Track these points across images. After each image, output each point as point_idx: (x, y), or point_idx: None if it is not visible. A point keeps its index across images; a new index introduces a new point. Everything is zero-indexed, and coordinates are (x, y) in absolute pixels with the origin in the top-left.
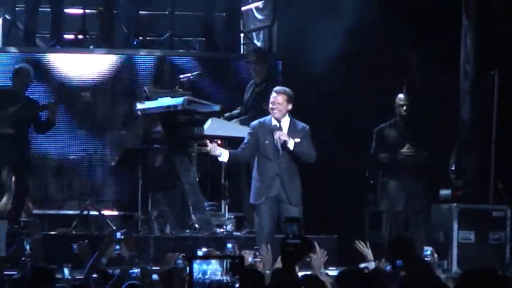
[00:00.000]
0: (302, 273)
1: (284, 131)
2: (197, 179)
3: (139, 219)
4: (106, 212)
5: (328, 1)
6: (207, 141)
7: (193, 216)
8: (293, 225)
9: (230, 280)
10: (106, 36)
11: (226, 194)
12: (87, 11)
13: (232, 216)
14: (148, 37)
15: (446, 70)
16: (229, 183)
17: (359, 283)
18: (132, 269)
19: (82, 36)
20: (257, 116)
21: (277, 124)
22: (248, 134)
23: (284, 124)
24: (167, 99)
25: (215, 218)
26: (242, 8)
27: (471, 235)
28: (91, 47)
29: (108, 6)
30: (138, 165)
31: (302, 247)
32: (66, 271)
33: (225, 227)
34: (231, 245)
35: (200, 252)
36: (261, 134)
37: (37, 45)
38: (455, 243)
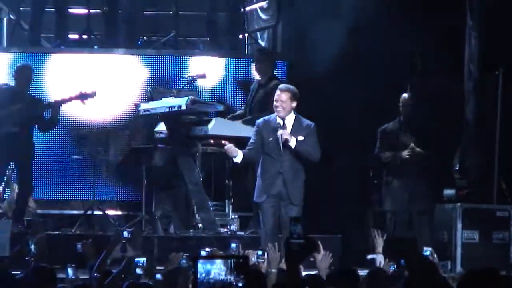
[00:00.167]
0: (306, 273)
1: (289, 129)
2: (201, 179)
3: (143, 219)
4: (110, 212)
5: (331, 1)
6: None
7: (197, 216)
8: (297, 225)
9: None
10: (111, 36)
11: (230, 194)
12: (91, 11)
13: (236, 216)
14: (152, 37)
15: (450, 70)
16: (233, 183)
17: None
18: (138, 259)
19: (86, 36)
20: (262, 115)
21: (281, 122)
22: (254, 133)
23: (289, 121)
24: (171, 99)
25: (219, 218)
26: (247, 8)
27: (475, 235)
28: (95, 47)
29: (113, 6)
30: (142, 165)
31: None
32: (70, 271)
33: (229, 226)
34: (235, 245)
35: (203, 252)
36: (265, 131)
37: (41, 45)
38: (459, 243)
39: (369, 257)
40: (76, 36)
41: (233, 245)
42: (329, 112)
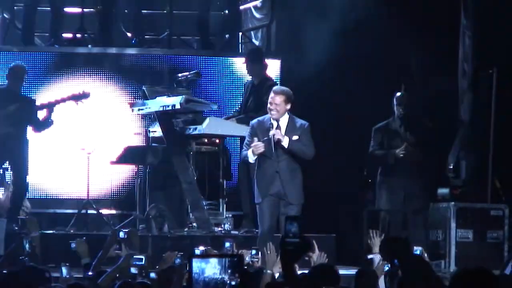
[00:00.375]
0: (301, 272)
1: (283, 129)
2: (195, 178)
3: (137, 218)
4: (104, 211)
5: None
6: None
7: (191, 215)
8: (293, 224)
9: (229, 279)
10: (105, 35)
11: (224, 193)
12: (85, 10)
13: (230, 215)
14: (146, 36)
15: (444, 69)
16: (227, 182)
17: None
18: (137, 256)
19: (80, 35)
20: (257, 115)
21: (275, 123)
22: (249, 134)
23: (283, 122)
24: (165, 98)
25: (213, 217)
26: (241, 7)
27: (469, 234)
28: (89, 46)
29: (107, 5)
30: (137, 164)
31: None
32: (64, 270)
33: (223, 226)
34: (229, 244)
35: (197, 251)
36: (260, 132)
37: (35, 44)
38: (453, 242)
39: (369, 257)
40: (70, 35)
41: (227, 244)
42: (323, 111)
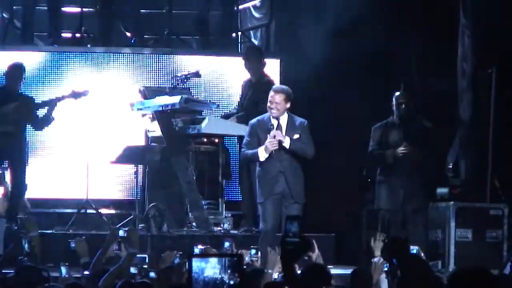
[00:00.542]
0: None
1: (283, 128)
2: (194, 178)
3: (136, 218)
4: (104, 211)
5: None
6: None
7: (190, 215)
8: (293, 223)
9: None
10: (104, 34)
11: (224, 193)
12: (85, 9)
13: (229, 215)
14: (145, 36)
15: (443, 69)
16: (226, 182)
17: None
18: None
19: (80, 35)
20: (255, 114)
21: (275, 123)
22: (248, 133)
23: (283, 121)
24: (164, 98)
25: (212, 217)
26: (240, 7)
27: (468, 234)
28: (88, 45)
29: (106, 4)
30: (136, 163)
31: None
32: (63, 270)
33: (222, 225)
34: (229, 244)
35: (196, 249)
36: (261, 132)
37: (34, 43)
38: (452, 242)
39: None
40: (69, 35)
41: (226, 244)
42: (322, 110)
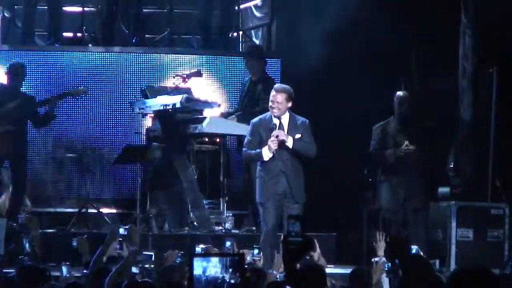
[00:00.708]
0: None
1: (285, 127)
2: (196, 177)
3: (137, 217)
4: (105, 210)
5: None
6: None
7: (191, 214)
8: (295, 223)
9: (230, 277)
10: (105, 34)
11: (225, 192)
12: (85, 9)
13: (230, 214)
14: (147, 35)
15: (444, 68)
16: (227, 181)
17: None
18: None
19: (80, 34)
20: (255, 113)
21: (277, 122)
22: (250, 132)
23: (284, 121)
24: (165, 97)
25: (213, 216)
26: (241, 6)
27: (470, 233)
28: (89, 45)
29: (107, 4)
30: (137, 163)
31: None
32: (64, 269)
33: (223, 224)
34: (230, 243)
35: (198, 249)
36: (263, 131)
37: (35, 43)
38: (454, 241)
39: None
40: (70, 34)
41: (228, 243)
42: (323, 110)
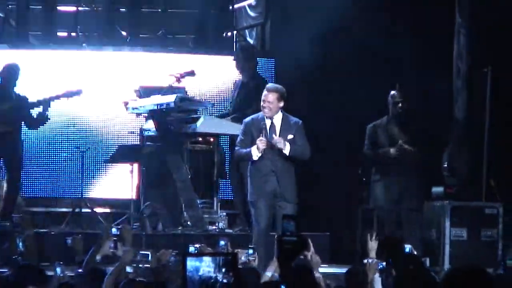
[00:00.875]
0: None
1: (277, 127)
2: (189, 177)
3: (131, 217)
4: (99, 210)
5: None
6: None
7: (185, 214)
8: (290, 223)
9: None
10: (100, 33)
11: (219, 192)
12: (80, 8)
13: (224, 214)
14: (141, 35)
15: (439, 68)
16: (221, 181)
17: None
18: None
19: (75, 34)
20: (247, 113)
21: (268, 122)
22: (242, 131)
23: (277, 120)
24: (159, 97)
25: (207, 215)
26: (235, 6)
27: (464, 233)
28: (84, 44)
29: (102, 4)
30: (131, 162)
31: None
32: (58, 269)
33: (217, 224)
34: (224, 242)
35: (192, 248)
36: (255, 131)
37: (30, 42)
38: (448, 241)
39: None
40: (65, 34)
41: (221, 242)
42: (318, 109)
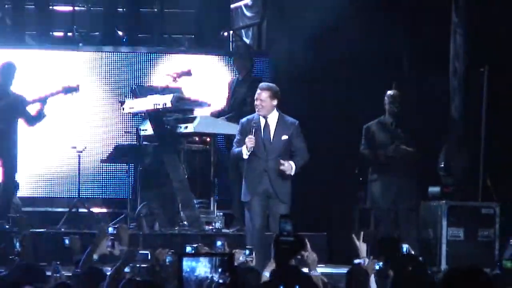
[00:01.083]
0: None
1: (272, 127)
2: (186, 176)
3: (128, 217)
4: (95, 210)
5: None
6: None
7: (182, 213)
8: (287, 223)
9: (219, 277)
10: (96, 33)
11: (215, 191)
12: (76, 8)
13: (221, 213)
14: (137, 35)
15: (435, 68)
16: (218, 181)
17: None
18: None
19: (71, 34)
20: (243, 112)
21: (263, 121)
22: (238, 131)
23: (272, 120)
24: (156, 97)
25: (204, 215)
26: (231, 5)
27: (460, 233)
28: (80, 44)
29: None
30: (128, 162)
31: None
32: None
33: (214, 224)
34: (221, 243)
35: (189, 248)
36: (250, 130)
37: (26, 42)
38: (444, 241)
39: (356, 261)
40: (61, 34)
41: (218, 243)
42: (314, 109)
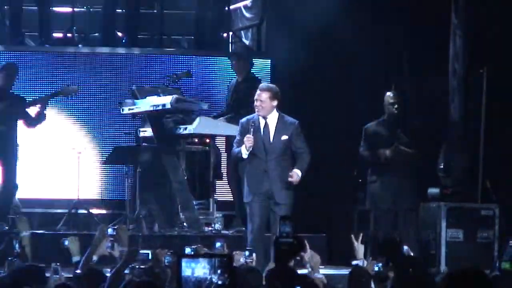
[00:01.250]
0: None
1: (272, 127)
2: (186, 178)
3: (127, 218)
4: (95, 211)
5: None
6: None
7: (181, 215)
8: (286, 224)
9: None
10: (95, 34)
11: (215, 193)
12: (76, 9)
13: (220, 215)
14: (137, 36)
15: (435, 69)
16: (217, 182)
17: None
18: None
19: (71, 35)
20: (243, 113)
21: (263, 122)
22: (239, 132)
23: (272, 120)
24: (155, 98)
25: (203, 217)
26: (231, 7)
27: (460, 234)
28: (79, 45)
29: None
30: (127, 163)
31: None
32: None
33: (213, 225)
34: (220, 244)
35: (188, 249)
36: (249, 131)
37: (25, 43)
38: (444, 242)
39: (354, 263)
40: (60, 35)
41: (218, 244)
42: (314, 111)
